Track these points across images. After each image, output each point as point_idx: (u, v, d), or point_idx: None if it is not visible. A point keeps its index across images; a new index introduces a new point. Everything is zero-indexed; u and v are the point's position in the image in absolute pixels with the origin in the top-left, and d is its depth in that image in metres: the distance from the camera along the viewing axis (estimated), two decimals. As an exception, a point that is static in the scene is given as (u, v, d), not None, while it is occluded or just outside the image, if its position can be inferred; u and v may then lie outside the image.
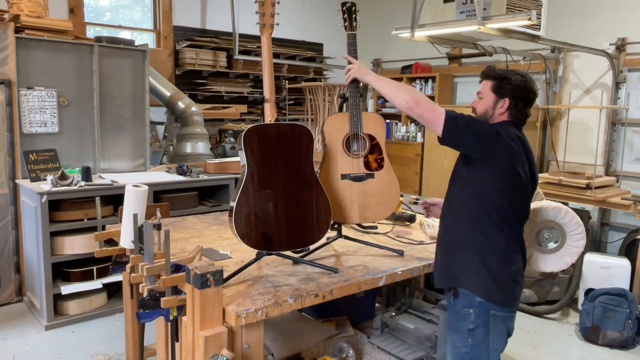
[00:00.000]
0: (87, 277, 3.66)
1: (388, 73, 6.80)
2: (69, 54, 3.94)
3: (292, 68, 6.35)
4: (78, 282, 3.62)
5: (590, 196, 3.95)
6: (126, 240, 2.14)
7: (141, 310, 1.78)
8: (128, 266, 2.24)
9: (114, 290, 3.92)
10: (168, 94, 4.86)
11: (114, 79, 4.19)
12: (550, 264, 2.17)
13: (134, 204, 2.11)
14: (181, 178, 4.05)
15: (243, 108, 5.90)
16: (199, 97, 5.71)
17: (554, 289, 4.03)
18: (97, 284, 3.68)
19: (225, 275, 1.76)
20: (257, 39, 5.92)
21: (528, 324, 3.76)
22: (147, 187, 2.17)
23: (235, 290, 1.78)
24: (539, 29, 3.43)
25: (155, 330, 2.25)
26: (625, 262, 3.77)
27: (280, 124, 1.91)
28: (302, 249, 2.16)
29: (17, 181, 3.78)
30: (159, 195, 3.95)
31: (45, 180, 3.57)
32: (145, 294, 1.79)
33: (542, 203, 2.17)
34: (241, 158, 1.90)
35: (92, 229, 3.60)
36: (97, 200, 3.42)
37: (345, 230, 2.58)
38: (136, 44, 4.35)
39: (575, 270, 3.91)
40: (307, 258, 2.14)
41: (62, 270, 3.62)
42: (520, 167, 1.85)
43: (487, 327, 1.87)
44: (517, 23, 3.13)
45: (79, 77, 4.00)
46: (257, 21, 2.04)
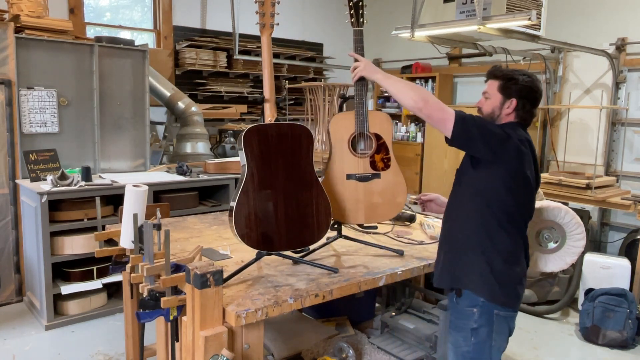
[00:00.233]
0: (87, 277, 3.66)
1: (388, 73, 6.79)
2: (69, 54, 3.94)
3: (292, 68, 6.35)
4: (78, 282, 3.62)
5: (590, 196, 3.95)
6: (126, 240, 2.14)
7: (141, 310, 1.78)
8: (128, 266, 2.24)
9: (114, 290, 3.92)
10: (168, 94, 4.86)
11: (114, 79, 4.19)
12: (551, 264, 2.17)
13: (134, 204, 2.11)
14: (181, 178, 4.05)
15: (243, 108, 5.90)
16: (199, 97, 5.71)
17: (554, 289, 4.03)
18: (97, 284, 3.68)
19: (225, 275, 1.76)
20: (257, 39, 5.92)
21: (528, 324, 3.76)
22: (147, 187, 2.17)
23: (235, 290, 1.78)
24: (539, 29, 3.43)
25: (155, 330, 2.25)
26: (625, 262, 3.77)
27: (280, 124, 1.91)
28: (302, 249, 2.16)
29: (17, 181, 3.78)
30: (159, 195, 3.95)
31: (45, 180, 3.57)
32: (145, 294, 1.79)
33: (542, 203, 2.17)
34: (241, 158, 1.90)
35: (92, 229, 3.60)
36: (97, 200, 3.43)
37: (345, 230, 2.57)
38: (136, 44, 4.35)
39: (575, 270, 3.91)
40: (307, 258, 2.13)
41: (62, 270, 3.62)
42: (528, 169, 1.84)
43: (491, 326, 1.87)
44: (517, 23, 3.13)
45: (79, 77, 4.00)
46: (257, 21, 2.04)
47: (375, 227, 2.58)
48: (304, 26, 6.71)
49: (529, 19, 3.00)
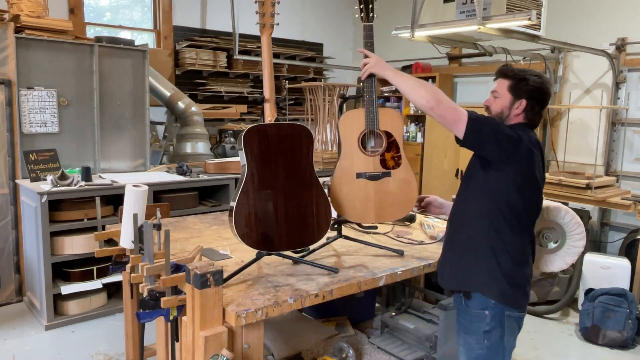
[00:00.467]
0: (87, 277, 3.66)
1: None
2: (69, 54, 3.94)
3: (292, 68, 6.35)
4: (78, 282, 3.62)
5: (590, 196, 3.95)
6: (126, 240, 2.14)
7: (141, 310, 1.78)
8: (128, 266, 2.24)
9: (114, 290, 3.92)
10: (168, 94, 4.86)
11: (114, 79, 4.19)
12: (551, 264, 2.17)
13: (134, 204, 2.11)
14: (181, 178, 4.05)
15: (243, 108, 5.90)
16: (199, 97, 5.71)
17: (554, 289, 4.03)
18: (97, 284, 3.68)
19: (225, 275, 1.76)
20: (257, 39, 5.92)
21: (528, 324, 3.76)
22: (147, 187, 2.17)
23: (235, 290, 1.78)
24: (539, 29, 3.43)
25: (155, 330, 2.25)
26: (625, 262, 3.77)
27: (280, 124, 1.91)
28: (302, 249, 2.16)
29: (17, 181, 3.78)
30: (159, 195, 3.95)
31: (45, 180, 3.57)
32: (145, 294, 1.79)
33: (543, 203, 2.17)
34: (241, 158, 1.90)
35: (92, 229, 3.60)
36: (97, 200, 3.42)
37: (345, 230, 2.57)
38: (136, 44, 4.35)
39: (575, 270, 3.91)
40: (307, 258, 2.13)
41: (62, 270, 3.62)
42: (537, 171, 1.83)
43: (502, 327, 1.85)
44: (517, 23, 3.13)
45: (79, 77, 4.00)
46: (257, 21, 2.04)
47: (375, 227, 2.58)
48: (304, 26, 6.71)
49: (529, 19, 3.00)
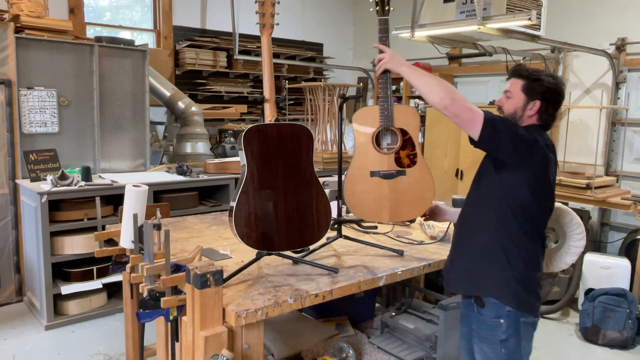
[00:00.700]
0: (87, 277, 3.66)
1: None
2: (69, 54, 3.94)
3: (292, 68, 6.35)
4: (78, 282, 3.62)
5: (590, 196, 3.95)
6: (126, 240, 2.14)
7: (141, 310, 1.78)
8: (128, 266, 2.24)
9: (114, 290, 3.92)
10: (168, 94, 4.86)
11: (114, 79, 4.19)
12: (551, 264, 2.17)
13: (134, 204, 2.11)
14: (181, 178, 4.05)
15: (243, 108, 5.90)
16: (199, 97, 5.71)
17: (554, 289, 4.02)
18: (97, 284, 3.68)
19: (225, 275, 1.76)
20: (257, 39, 5.92)
21: (528, 324, 3.76)
22: (147, 187, 2.17)
23: (235, 290, 1.78)
24: (539, 29, 3.42)
25: (155, 330, 2.25)
26: (625, 262, 3.77)
27: (280, 124, 1.91)
28: (302, 249, 2.16)
29: (17, 181, 3.78)
30: (159, 195, 3.95)
31: (45, 180, 3.57)
32: (145, 294, 1.79)
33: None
34: (241, 158, 1.90)
35: (92, 229, 3.60)
36: (97, 200, 3.42)
37: (345, 230, 2.57)
38: (136, 44, 4.35)
39: (575, 270, 3.91)
40: (307, 258, 2.13)
41: (62, 270, 3.62)
42: (551, 174, 1.81)
43: (519, 334, 1.81)
44: (517, 23, 3.13)
45: (79, 77, 4.00)
46: (257, 21, 2.04)
47: (376, 227, 2.58)
48: (304, 26, 6.71)
49: (529, 19, 3.00)
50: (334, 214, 2.16)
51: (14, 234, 3.82)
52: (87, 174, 3.70)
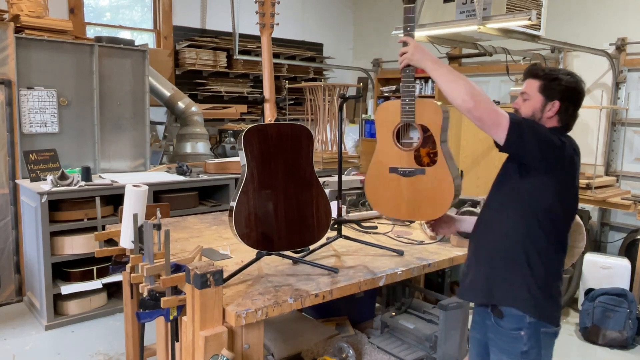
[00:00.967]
0: (87, 277, 3.66)
1: (388, 73, 6.80)
2: (69, 54, 3.94)
3: (292, 68, 6.35)
4: (78, 282, 3.62)
5: (590, 196, 3.95)
6: (126, 240, 2.14)
7: (141, 310, 1.78)
8: (128, 266, 2.24)
9: (114, 290, 3.92)
10: (168, 94, 4.86)
11: (114, 79, 4.19)
12: (550, 264, 2.16)
13: (134, 204, 2.11)
14: (181, 178, 4.05)
15: (243, 108, 5.90)
16: (199, 97, 5.71)
17: (554, 289, 4.02)
18: (97, 284, 3.68)
19: (225, 275, 1.76)
20: (257, 39, 5.92)
21: (528, 324, 3.76)
22: (147, 187, 2.17)
23: (235, 290, 1.78)
24: (539, 29, 3.42)
25: (155, 330, 2.25)
26: (625, 262, 3.77)
27: (280, 124, 1.91)
28: (302, 249, 2.16)
29: (17, 181, 3.78)
30: (159, 195, 3.95)
31: (45, 180, 3.57)
32: (145, 294, 1.79)
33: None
34: (241, 158, 1.90)
35: (92, 229, 3.60)
36: (97, 200, 3.43)
37: (345, 230, 2.58)
38: (136, 44, 4.35)
39: (575, 270, 3.91)
40: (307, 258, 2.13)
41: (62, 270, 3.62)
42: (577, 179, 1.75)
43: (539, 345, 1.76)
44: (517, 23, 3.12)
45: (79, 77, 4.00)
46: (257, 21, 2.04)
47: (375, 227, 2.58)
48: (304, 26, 6.71)
49: (529, 19, 2.99)
50: (334, 214, 2.16)
51: (14, 234, 3.82)
52: (87, 174, 3.70)
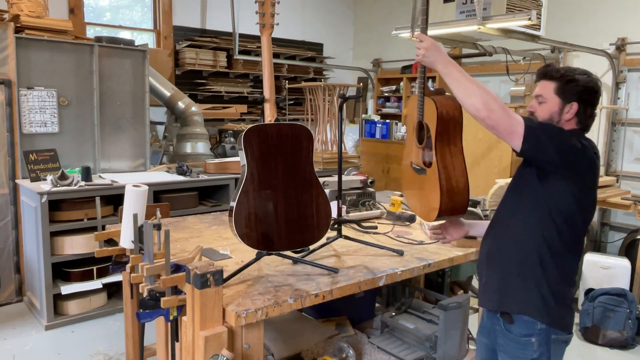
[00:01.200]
0: (87, 277, 3.66)
1: (388, 73, 6.80)
2: (69, 54, 3.94)
3: (292, 68, 6.35)
4: (78, 282, 3.62)
5: (590, 196, 3.94)
6: (126, 240, 2.14)
7: (141, 310, 1.78)
8: (128, 266, 2.24)
9: (114, 290, 3.92)
10: (168, 94, 4.86)
11: (114, 79, 4.19)
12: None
13: (134, 204, 2.11)
14: (181, 178, 4.05)
15: (243, 108, 5.90)
16: (199, 97, 5.72)
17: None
18: (97, 284, 3.68)
19: (225, 275, 1.76)
20: (257, 39, 5.93)
21: (528, 324, 3.76)
22: (147, 187, 2.17)
23: (235, 290, 1.78)
24: (539, 29, 3.43)
25: (155, 330, 2.25)
26: (625, 262, 3.77)
27: (280, 124, 1.91)
28: (302, 249, 2.16)
29: (17, 181, 3.78)
30: (159, 195, 3.95)
31: (45, 180, 3.57)
32: (145, 294, 1.79)
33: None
34: (241, 158, 1.90)
35: (92, 229, 3.60)
36: (97, 200, 3.42)
37: (345, 230, 2.58)
38: (136, 44, 4.35)
39: (575, 270, 3.91)
40: (307, 258, 2.13)
41: (62, 270, 3.63)
42: (596, 183, 1.72)
43: (549, 352, 1.73)
44: (517, 23, 3.13)
45: (79, 77, 4.01)
46: (257, 21, 2.04)
47: (375, 227, 2.58)
48: (304, 26, 6.71)
49: (529, 19, 3.00)
50: (334, 214, 2.16)
51: (14, 234, 3.82)
52: (87, 174, 3.70)
